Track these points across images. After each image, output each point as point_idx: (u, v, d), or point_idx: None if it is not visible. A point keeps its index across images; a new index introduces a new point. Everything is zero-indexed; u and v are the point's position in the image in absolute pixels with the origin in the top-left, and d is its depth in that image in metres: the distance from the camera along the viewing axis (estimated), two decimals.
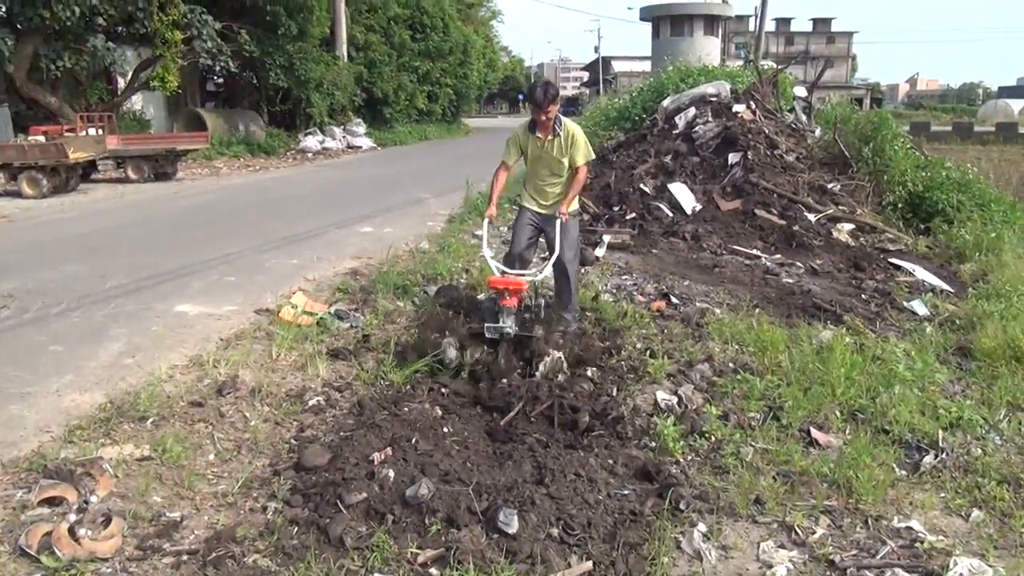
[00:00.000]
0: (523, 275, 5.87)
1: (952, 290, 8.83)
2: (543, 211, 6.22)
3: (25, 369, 5.59)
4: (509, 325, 5.36)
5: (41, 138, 17.40)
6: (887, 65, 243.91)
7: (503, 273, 5.82)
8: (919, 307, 7.82)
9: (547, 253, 6.49)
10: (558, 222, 5.97)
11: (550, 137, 5.95)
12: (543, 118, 5.82)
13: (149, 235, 11.22)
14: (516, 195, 6.51)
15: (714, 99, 13.13)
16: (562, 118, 5.96)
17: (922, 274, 9.30)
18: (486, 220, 6.10)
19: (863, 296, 8.29)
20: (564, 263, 6.05)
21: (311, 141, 29.94)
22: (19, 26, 20.27)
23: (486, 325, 5.41)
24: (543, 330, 5.58)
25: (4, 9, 20.17)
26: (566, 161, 6.02)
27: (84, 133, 18.86)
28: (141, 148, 19.84)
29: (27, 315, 6.96)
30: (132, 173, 19.37)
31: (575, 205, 6.35)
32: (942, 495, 4.27)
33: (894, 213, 11.85)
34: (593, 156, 6.22)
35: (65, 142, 16.89)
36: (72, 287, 7.86)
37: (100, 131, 19.45)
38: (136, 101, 27.36)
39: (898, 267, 9.55)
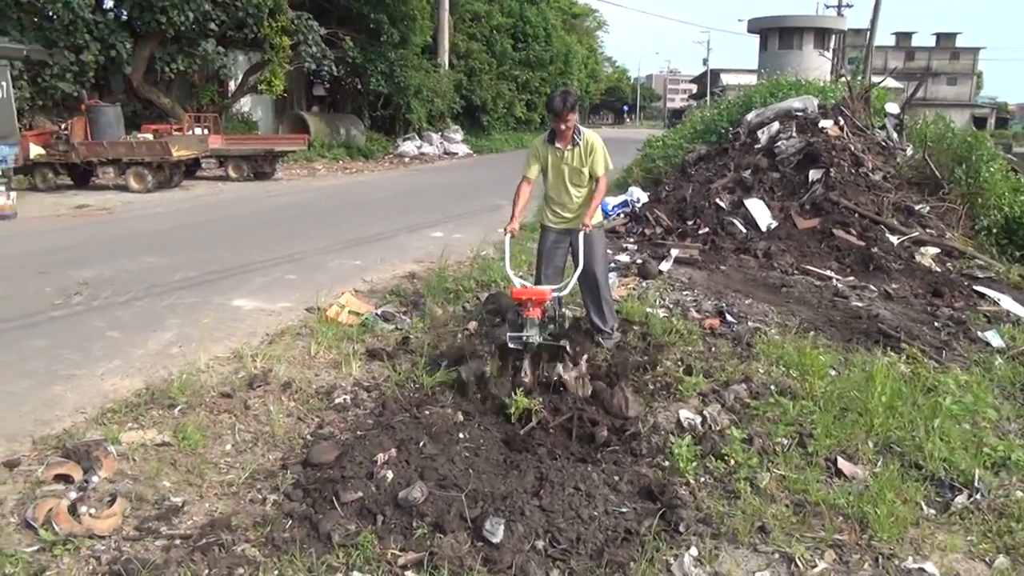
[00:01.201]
0: (546, 288, 5.70)
1: None
2: (567, 224, 6.07)
3: (78, 352, 5.91)
4: (533, 335, 5.17)
5: (149, 136, 18.40)
6: (1018, 84, 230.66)
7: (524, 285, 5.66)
8: (994, 338, 7.37)
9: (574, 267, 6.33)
10: (581, 235, 5.81)
11: (570, 147, 5.83)
12: (562, 127, 5.69)
13: (229, 231, 11.71)
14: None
15: (800, 114, 12.72)
16: (581, 128, 5.85)
17: (1008, 304, 8.76)
18: (508, 236, 5.91)
19: (935, 324, 7.87)
20: (595, 276, 5.90)
21: (409, 146, 30.64)
22: (137, 31, 21.48)
23: (509, 335, 5.23)
24: (568, 343, 5.47)
25: (125, 14, 21.41)
26: (586, 171, 5.89)
27: (190, 132, 19.85)
28: (241, 148, 20.73)
29: (96, 302, 7.37)
30: (232, 172, 20.27)
31: (599, 216, 6.20)
32: (969, 538, 4.01)
33: (988, 239, 11.21)
34: (611, 166, 6.06)
35: (170, 140, 17.81)
36: (144, 277, 8.28)
37: (205, 131, 20.45)
38: (245, 103, 28.58)
39: (982, 295, 9.02)
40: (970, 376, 6.10)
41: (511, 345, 5.20)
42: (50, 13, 19.53)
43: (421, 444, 4.50)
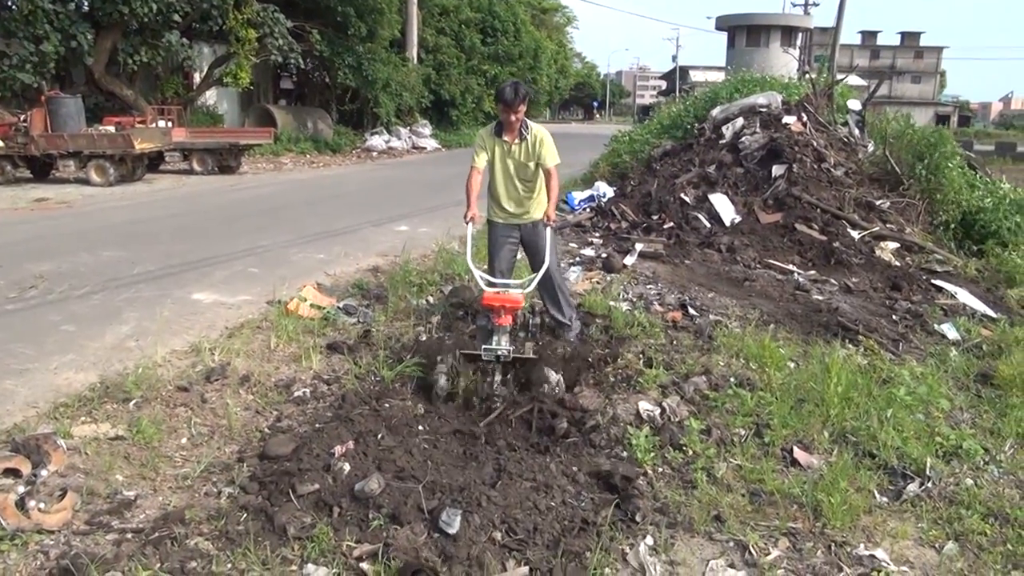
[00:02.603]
0: (510, 285, 5.62)
1: (994, 315, 8.45)
2: (514, 220, 6.00)
3: (32, 346, 5.81)
4: (504, 347, 5.05)
5: (111, 128, 18.08)
6: (980, 83, 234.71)
7: (491, 285, 5.54)
8: (949, 331, 7.50)
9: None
10: (548, 230, 5.74)
11: (517, 140, 5.75)
12: (512, 118, 5.59)
13: (192, 225, 11.57)
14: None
15: (764, 110, 12.84)
16: (528, 121, 5.78)
17: (964, 297, 8.92)
18: (469, 225, 5.77)
19: (894, 317, 7.99)
20: (550, 271, 5.79)
21: (377, 140, 30.43)
22: (99, 21, 21.10)
23: (483, 348, 5.08)
24: (539, 351, 5.42)
25: (86, 5, 21.03)
26: (532, 165, 5.82)
27: (153, 125, 19.55)
28: (205, 141, 20.46)
29: (51, 296, 7.24)
30: (197, 165, 20.01)
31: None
32: (920, 525, 4.08)
33: (946, 234, 11.38)
34: (559, 160, 5.93)
35: (132, 133, 17.51)
36: (102, 271, 8.16)
37: (169, 124, 20.15)
38: (210, 96, 28.22)
39: (939, 289, 9.18)
40: (925, 368, 6.21)
41: (484, 358, 5.06)
42: (8, 2, 19.13)
43: (380, 436, 4.48)
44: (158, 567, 3.30)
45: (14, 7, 19.03)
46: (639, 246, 9.96)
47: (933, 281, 9.39)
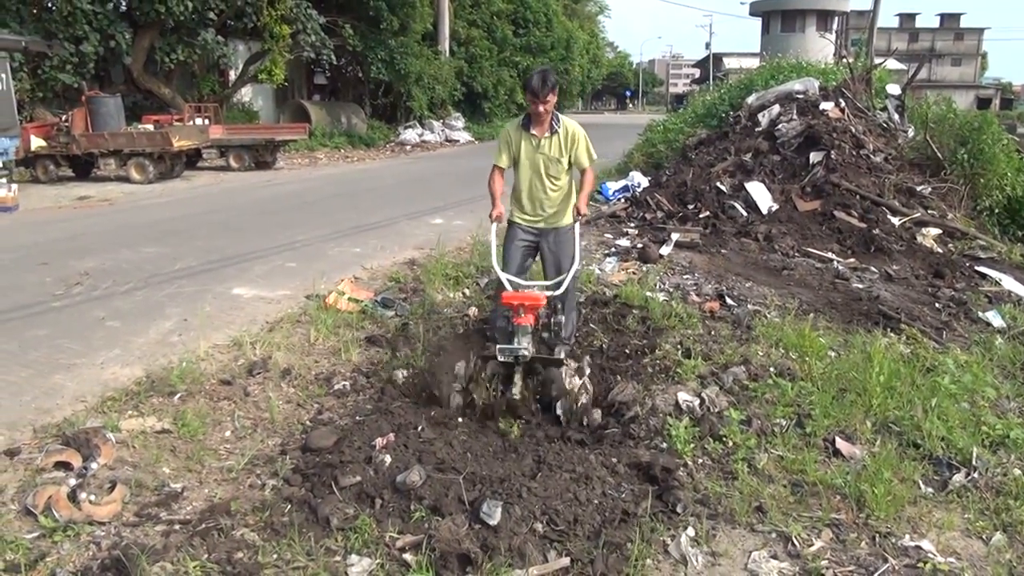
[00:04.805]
0: (534, 286, 5.23)
1: None
2: (539, 224, 5.52)
3: (79, 342, 5.94)
4: (524, 347, 4.70)
5: (150, 127, 18.38)
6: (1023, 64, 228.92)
7: (516, 287, 5.13)
8: (994, 318, 7.37)
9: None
10: (577, 226, 5.31)
11: (547, 135, 5.29)
12: (541, 109, 5.13)
13: (229, 221, 11.73)
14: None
15: (801, 96, 12.68)
16: (559, 115, 5.33)
17: (1009, 284, 8.75)
18: (493, 225, 5.39)
19: (936, 305, 7.86)
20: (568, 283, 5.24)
21: (410, 134, 30.58)
22: (137, 21, 21.42)
23: (499, 347, 4.76)
24: (565, 350, 5.15)
25: (124, 5, 21.35)
26: (565, 162, 5.36)
27: (191, 123, 19.83)
28: (242, 138, 20.73)
29: (96, 292, 7.40)
30: (234, 161, 20.29)
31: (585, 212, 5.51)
32: (966, 516, 4.02)
33: (990, 219, 11.18)
34: (596, 157, 5.49)
35: (170, 131, 17.77)
36: (144, 267, 8.31)
37: (206, 121, 20.43)
38: (246, 93, 28.54)
39: (983, 276, 9.01)
40: (970, 356, 6.10)
41: (501, 359, 4.76)
42: (49, 4, 19.49)
43: (419, 429, 4.51)
44: (205, 558, 3.36)
45: (54, 8, 19.39)
46: (675, 236, 9.90)
47: (977, 268, 9.23)
